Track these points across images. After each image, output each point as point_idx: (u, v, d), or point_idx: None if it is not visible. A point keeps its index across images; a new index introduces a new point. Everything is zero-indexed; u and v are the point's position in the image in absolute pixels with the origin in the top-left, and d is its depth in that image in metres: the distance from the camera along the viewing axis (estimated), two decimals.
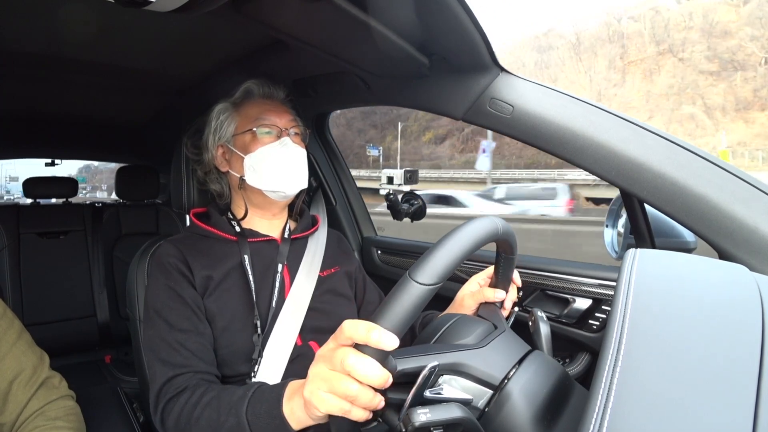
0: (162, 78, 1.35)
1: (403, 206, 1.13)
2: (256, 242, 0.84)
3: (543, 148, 0.74)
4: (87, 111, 1.81)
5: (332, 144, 1.37)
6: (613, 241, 0.91)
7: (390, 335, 0.41)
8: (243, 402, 0.58)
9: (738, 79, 39.16)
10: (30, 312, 1.77)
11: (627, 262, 0.48)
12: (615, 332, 0.39)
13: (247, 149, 0.82)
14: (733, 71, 39.73)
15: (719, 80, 40.15)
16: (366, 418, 0.45)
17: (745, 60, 40.03)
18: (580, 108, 0.72)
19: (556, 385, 0.50)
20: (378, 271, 1.31)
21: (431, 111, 0.89)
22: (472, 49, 0.74)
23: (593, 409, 0.35)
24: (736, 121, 37.20)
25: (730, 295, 0.44)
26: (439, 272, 0.43)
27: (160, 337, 0.71)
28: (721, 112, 38.36)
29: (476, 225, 0.49)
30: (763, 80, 38.04)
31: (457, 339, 0.54)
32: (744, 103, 37.77)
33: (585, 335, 0.84)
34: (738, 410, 0.33)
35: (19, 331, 0.76)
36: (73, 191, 2.12)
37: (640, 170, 0.66)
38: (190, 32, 1.01)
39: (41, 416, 0.72)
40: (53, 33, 1.01)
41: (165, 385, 0.67)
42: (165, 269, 0.77)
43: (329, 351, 0.45)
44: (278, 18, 0.72)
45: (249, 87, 0.88)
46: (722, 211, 0.61)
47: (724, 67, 40.34)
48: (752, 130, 35.81)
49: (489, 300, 0.69)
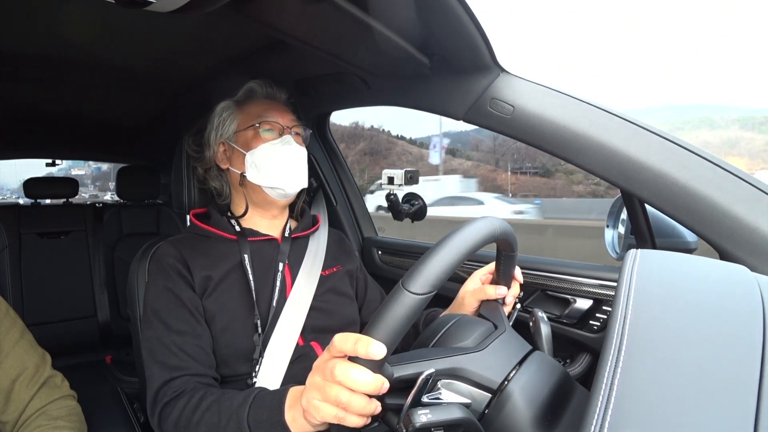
0: (163, 78, 1.35)
1: (404, 206, 1.13)
2: (257, 241, 0.84)
3: (543, 148, 0.74)
4: (88, 111, 1.81)
5: (333, 144, 1.37)
6: (613, 241, 0.91)
7: (379, 345, 0.42)
8: (244, 408, 0.58)
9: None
10: (31, 312, 1.77)
11: (628, 262, 0.48)
12: (616, 333, 0.39)
13: (249, 146, 0.83)
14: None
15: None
16: (362, 424, 0.46)
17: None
18: (581, 108, 0.72)
19: (556, 386, 0.50)
20: (378, 272, 1.31)
21: (432, 111, 0.89)
22: (472, 49, 0.74)
23: (594, 410, 0.34)
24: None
25: (731, 295, 0.44)
26: (432, 281, 0.43)
27: (158, 339, 0.71)
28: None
29: (472, 228, 0.48)
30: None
31: (457, 341, 0.54)
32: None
33: (586, 336, 0.84)
34: (739, 411, 0.33)
35: (22, 330, 0.76)
36: (73, 191, 2.12)
37: (641, 170, 0.66)
38: (191, 33, 1.01)
39: (43, 415, 0.72)
40: (54, 34, 1.01)
41: (162, 387, 0.68)
42: (164, 270, 0.77)
43: (322, 362, 0.47)
44: (279, 18, 0.72)
45: (252, 87, 0.89)
46: (723, 212, 0.60)
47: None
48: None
49: (490, 297, 0.69)
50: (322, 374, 0.47)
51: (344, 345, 0.44)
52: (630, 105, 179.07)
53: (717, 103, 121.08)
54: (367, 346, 0.42)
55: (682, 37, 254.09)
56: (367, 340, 0.42)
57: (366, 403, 0.44)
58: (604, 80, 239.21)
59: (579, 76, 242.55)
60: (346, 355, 0.45)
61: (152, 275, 0.79)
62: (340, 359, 0.45)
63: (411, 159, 43.32)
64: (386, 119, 45.05)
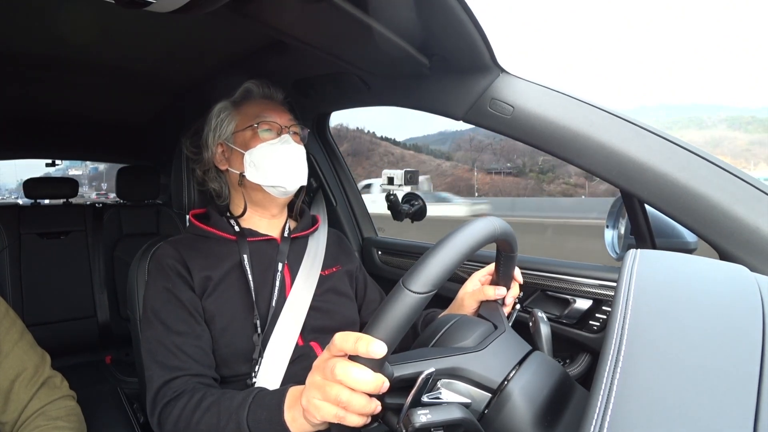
0: (162, 79, 1.35)
1: (404, 207, 1.13)
2: (256, 241, 0.84)
3: (543, 148, 0.74)
4: (88, 112, 1.81)
5: (333, 145, 1.37)
6: (613, 241, 0.91)
7: (379, 344, 0.42)
8: (243, 408, 0.58)
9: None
10: (30, 312, 1.77)
11: (627, 262, 0.48)
12: (615, 333, 0.39)
13: (248, 146, 0.82)
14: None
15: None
16: (362, 423, 0.46)
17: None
18: (581, 108, 0.72)
19: (556, 386, 0.50)
20: (378, 272, 1.31)
21: (431, 111, 0.89)
22: (472, 50, 0.74)
23: (594, 410, 0.34)
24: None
25: (730, 295, 0.44)
26: (432, 280, 0.43)
27: (157, 339, 0.71)
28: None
29: (472, 228, 0.48)
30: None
31: (456, 341, 0.54)
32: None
33: (585, 336, 0.84)
34: (739, 411, 0.33)
35: (21, 330, 0.76)
36: (73, 191, 2.12)
37: (641, 170, 0.66)
38: (191, 33, 1.02)
39: (42, 416, 0.72)
40: (54, 34, 1.01)
41: (162, 388, 0.68)
42: (163, 271, 0.77)
43: (323, 362, 0.47)
44: (278, 18, 0.72)
45: (249, 87, 0.88)
46: (723, 212, 0.60)
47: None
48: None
49: (490, 297, 0.69)
50: (322, 373, 0.47)
51: (344, 344, 0.44)
52: (625, 104, 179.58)
53: (709, 103, 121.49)
54: (368, 344, 0.42)
55: (680, 37, 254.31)
56: (368, 339, 0.42)
57: (366, 402, 0.44)
58: (604, 80, 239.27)
59: (579, 76, 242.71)
60: (346, 354, 0.45)
61: (152, 276, 0.79)
62: (341, 358, 0.45)
63: (393, 160, 43.64)
64: (371, 121, 45.78)
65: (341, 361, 0.44)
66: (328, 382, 0.45)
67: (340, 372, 0.44)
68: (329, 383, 0.45)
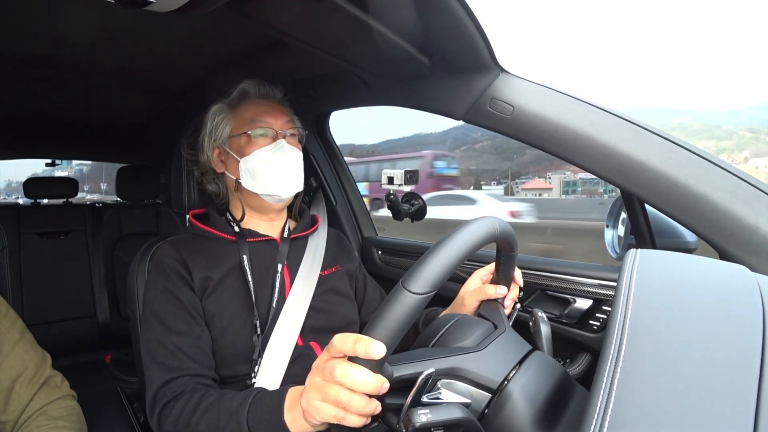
0: (162, 78, 1.35)
1: (404, 206, 1.13)
2: (256, 242, 0.84)
3: (543, 148, 0.74)
4: (87, 111, 1.81)
5: (333, 144, 1.37)
6: (613, 241, 0.91)
7: (378, 345, 0.42)
8: (243, 408, 0.58)
9: None
10: (30, 312, 1.77)
11: (627, 262, 0.48)
12: (615, 333, 0.39)
13: (243, 152, 0.81)
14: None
15: None
16: (362, 424, 0.46)
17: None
18: (581, 108, 0.72)
19: (556, 386, 0.50)
20: (378, 271, 1.31)
21: (431, 111, 0.89)
22: (472, 49, 0.74)
23: (594, 410, 0.34)
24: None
25: (730, 295, 0.44)
26: (432, 281, 0.43)
27: (157, 339, 0.71)
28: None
29: (472, 228, 0.48)
30: None
31: (456, 341, 0.54)
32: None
33: (585, 335, 0.84)
34: (739, 411, 0.33)
35: (22, 330, 0.76)
36: (73, 191, 2.12)
37: (641, 170, 0.65)
38: (191, 32, 1.01)
39: (43, 415, 0.72)
40: (54, 34, 1.01)
41: (162, 388, 0.68)
42: (163, 271, 0.77)
43: (322, 363, 0.47)
44: (278, 18, 0.72)
45: (245, 87, 0.86)
46: (723, 211, 0.60)
47: None
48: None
49: (490, 297, 0.69)
50: (321, 374, 0.47)
51: (344, 345, 0.44)
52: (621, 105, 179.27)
53: (673, 107, 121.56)
54: (367, 345, 0.42)
55: (678, 36, 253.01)
56: (367, 340, 0.42)
57: (366, 402, 0.44)
58: (602, 80, 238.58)
59: (578, 76, 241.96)
60: (345, 355, 0.45)
61: (152, 276, 0.79)
62: (340, 359, 0.45)
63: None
64: (342, 126, 46.07)
65: (341, 362, 0.44)
66: (328, 383, 0.45)
67: (339, 373, 0.44)
68: (329, 384, 0.45)
